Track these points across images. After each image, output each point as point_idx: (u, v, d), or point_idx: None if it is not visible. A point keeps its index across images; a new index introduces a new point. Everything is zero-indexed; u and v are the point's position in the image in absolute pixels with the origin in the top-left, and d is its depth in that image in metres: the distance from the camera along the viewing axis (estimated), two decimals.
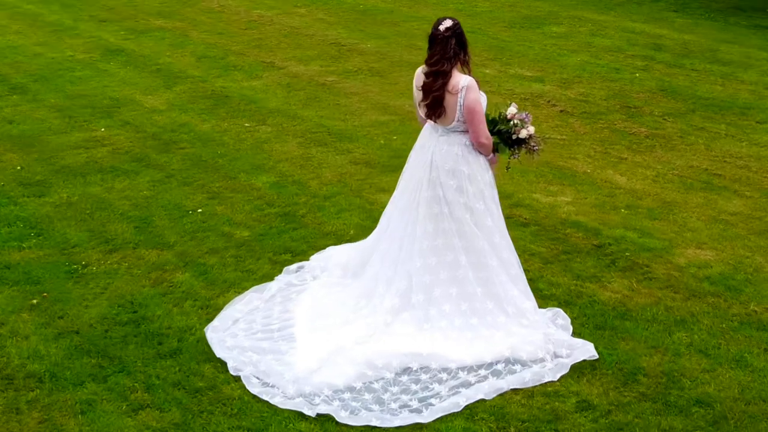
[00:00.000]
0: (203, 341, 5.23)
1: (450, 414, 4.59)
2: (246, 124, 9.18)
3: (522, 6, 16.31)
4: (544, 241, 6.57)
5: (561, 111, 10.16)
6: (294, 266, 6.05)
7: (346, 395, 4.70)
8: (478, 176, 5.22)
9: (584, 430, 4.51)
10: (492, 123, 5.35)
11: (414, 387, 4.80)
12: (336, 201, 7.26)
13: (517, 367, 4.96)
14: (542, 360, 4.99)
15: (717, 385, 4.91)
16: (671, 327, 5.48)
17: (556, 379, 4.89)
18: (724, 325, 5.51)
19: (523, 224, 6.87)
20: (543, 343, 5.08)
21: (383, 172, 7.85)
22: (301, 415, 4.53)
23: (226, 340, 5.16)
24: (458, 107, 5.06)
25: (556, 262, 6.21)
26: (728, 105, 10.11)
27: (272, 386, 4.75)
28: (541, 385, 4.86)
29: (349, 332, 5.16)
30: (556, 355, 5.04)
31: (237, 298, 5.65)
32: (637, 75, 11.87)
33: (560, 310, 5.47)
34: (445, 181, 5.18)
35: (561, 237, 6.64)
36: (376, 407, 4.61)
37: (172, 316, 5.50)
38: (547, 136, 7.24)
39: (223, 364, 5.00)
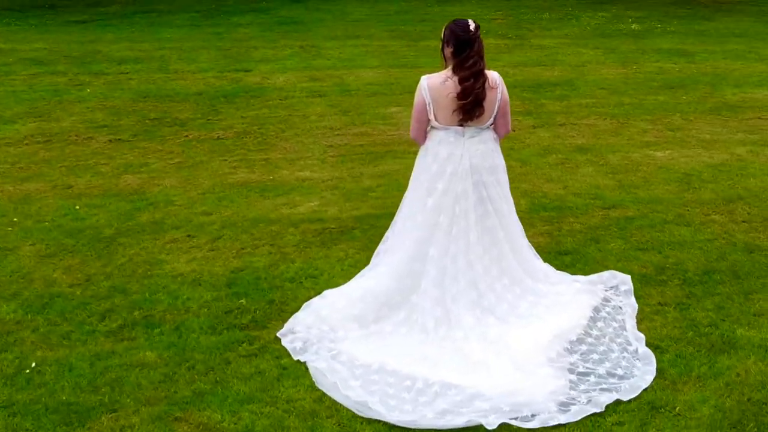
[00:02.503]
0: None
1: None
2: None
3: None
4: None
5: (110, 141, 10.19)
6: (297, 345, 5.61)
7: (583, 386, 5.12)
8: (504, 163, 5.89)
9: (730, 312, 5.97)
10: None
11: (595, 356, 5.56)
12: (131, 289, 6.50)
13: (605, 311, 6.04)
14: (609, 298, 6.16)
15: (721, 256, 6.87)
16: (627, 235, 7.22)
17: (637, 305, 6.11)
18: (631, 227, 7.40)
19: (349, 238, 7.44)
20: (589, 286, 6.27)
21: (99, 247, 7.25)
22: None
23: (424, 414, 4.99)
24: (497, 101, 5.56)
25: None
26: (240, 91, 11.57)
27: (537, 414, 4.88)
28: (639, 313, 6.00)
29: (479, 354, 5.50)
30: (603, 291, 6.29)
31: (327, 390, 5.25)
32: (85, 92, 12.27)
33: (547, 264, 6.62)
34: (487, 179, 5.67)
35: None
36: (614, 380, 5.18)
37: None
38: None
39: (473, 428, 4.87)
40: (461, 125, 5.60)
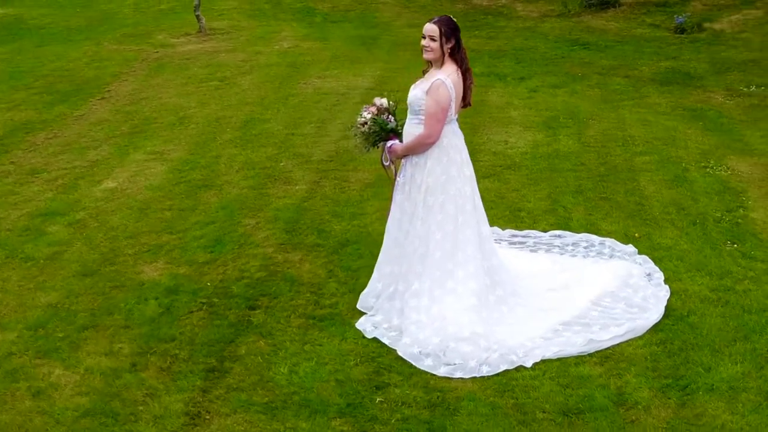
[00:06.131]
0: None
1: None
2: None
3: None
4: None
5: None
6: (514, 359, 6.38)
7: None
8: None
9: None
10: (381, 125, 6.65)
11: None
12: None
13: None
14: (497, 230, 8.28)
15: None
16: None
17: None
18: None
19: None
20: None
21: None
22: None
23: (648, 311, 6.86)
24: None
25: None
26: None
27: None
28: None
29: (557, 282, 7.28)
30: None
31: (595, 348, 6.52)
32: None
33: None
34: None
35: None
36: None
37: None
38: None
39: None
40: (456, 113, 6.67)
